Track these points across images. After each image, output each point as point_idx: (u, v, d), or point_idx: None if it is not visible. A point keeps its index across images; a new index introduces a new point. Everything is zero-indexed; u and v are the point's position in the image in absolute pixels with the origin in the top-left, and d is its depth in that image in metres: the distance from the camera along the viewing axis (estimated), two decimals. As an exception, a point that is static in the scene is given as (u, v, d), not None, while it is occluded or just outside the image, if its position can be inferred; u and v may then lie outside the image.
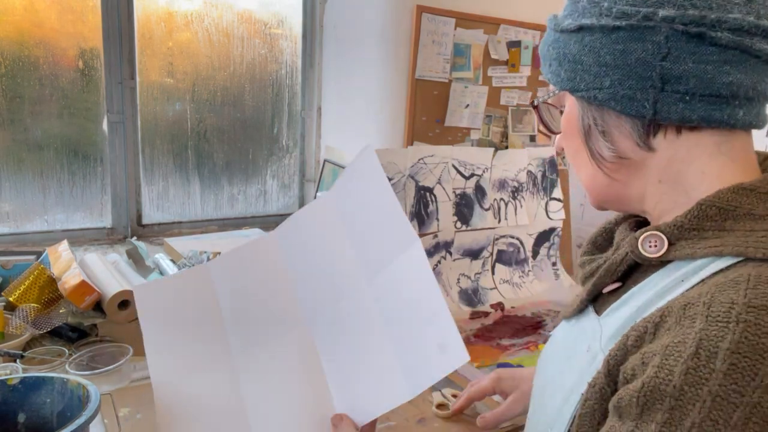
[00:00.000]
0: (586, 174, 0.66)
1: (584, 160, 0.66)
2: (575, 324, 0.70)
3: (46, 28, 1.80)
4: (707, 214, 0.56)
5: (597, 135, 0.63)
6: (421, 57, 2.12)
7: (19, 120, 1.80)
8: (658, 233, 0.58)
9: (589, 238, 0.76)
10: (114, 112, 1.93)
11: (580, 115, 0.64)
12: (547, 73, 0.67)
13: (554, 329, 0.80)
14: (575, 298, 0.75)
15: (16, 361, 1.14)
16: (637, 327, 0.53)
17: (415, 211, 1.70)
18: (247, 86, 2.18)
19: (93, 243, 1.94)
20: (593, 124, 0.63)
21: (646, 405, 0.48)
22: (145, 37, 1.94)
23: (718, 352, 0.46)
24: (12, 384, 0.79)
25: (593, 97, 0.61)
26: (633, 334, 0.53)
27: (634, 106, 0.58)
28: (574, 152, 0.67)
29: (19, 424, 0.79)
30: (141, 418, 1.07)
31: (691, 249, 0.55)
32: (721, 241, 0.54)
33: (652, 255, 0.58)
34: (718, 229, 0.55)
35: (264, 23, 2.18)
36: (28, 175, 1.85)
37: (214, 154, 2.16)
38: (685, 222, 0.57)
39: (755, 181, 0.56)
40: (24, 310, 1.25)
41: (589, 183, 0.67)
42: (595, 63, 0.60)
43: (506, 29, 2.29)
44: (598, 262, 0.68)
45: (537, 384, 0.74)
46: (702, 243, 0.55)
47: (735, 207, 0.55)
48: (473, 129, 2.30)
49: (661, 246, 0.58)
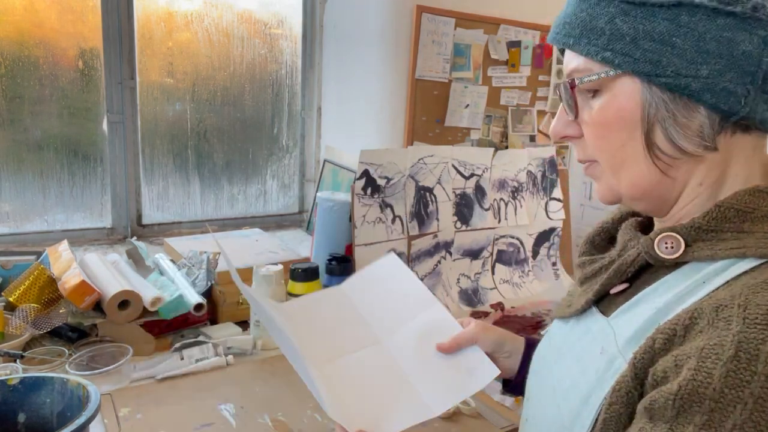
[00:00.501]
0: (636, 169, 0.60)
1: (634, 153, 0.59)
2: (576, 324, 0.69)
3: (46, 28, 1.80)
4: (726, 216, 0.56)
5: (664, 127, 0.57)
6: (421, 57, 2.12)
7: (19, 120, 1.80)
8: (675, 234, 0.58)
9: (586, 238, 0.75)
10: (114, 112, 1.93)
11: (646, 104, 0.57)
12: (599, 49, 0.58)
13: (547, 329, 0.79)
14: (568, 297, 0.75)
15: (16, 361, 1.14)
16: (663, 329, 0.53)
17: (415, 211, 1.70)
18: (247, 86, 2.18)
19: (93, 243, 1.94)
20: (665, 114, 0.56)
21: (682, 407, 0.48)
22: (145, 37, 1.94)
23: (759, 355, 0.46)
24: (12, 384, 0.79)
25: (682, 86, 0.55)
26: (660, 336, 0.52)
27: (730, 102, 0.54)
28: (618, 144, 0.60)
29: (19, 424, 0.79)
30: (141, 418, 1.07)
31: (710, 251, 0.55)
32: (742, 243, 0.54)
33: (669, 256, 0.58)
34: (737, 230, 0.55)
35: (264, 23, 2.18)
36: (28, 175, 1.84)
37: (214, 154, 2.16)
38: (703, 223, 0.56)
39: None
40: (24, 310, 1.25)
41: (636, 178, 0.60)
42: (694, 48, 0.54)
43: (506, 29, 2.29)
44: (601, 263, 0.68)
45: (536, 384, 0.73)
46: (722, 245, 0.55)
47: (753, 209, 0.55)
48: (473, 129, 2.30)
49: (678, 247, 0.58)
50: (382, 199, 1.62)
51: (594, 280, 0.69)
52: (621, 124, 0.59)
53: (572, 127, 0.64)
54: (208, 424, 1.07)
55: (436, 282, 1.74)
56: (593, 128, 0.62)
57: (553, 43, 0.64)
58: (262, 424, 1.08)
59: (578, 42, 0.60)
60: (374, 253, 1.57)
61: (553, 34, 0.64)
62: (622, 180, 0.61)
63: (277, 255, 1.68)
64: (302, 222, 2.37)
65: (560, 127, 0.65)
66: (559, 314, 0.74)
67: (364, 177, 1.58)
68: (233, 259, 1.63)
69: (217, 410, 1.11)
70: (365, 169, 1.58)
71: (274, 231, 2.21)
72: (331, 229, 1.59)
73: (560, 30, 0.62)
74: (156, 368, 1.22)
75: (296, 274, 1.39)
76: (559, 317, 0.74)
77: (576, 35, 0.60)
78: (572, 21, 0.60)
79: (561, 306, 0.75)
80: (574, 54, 0.61)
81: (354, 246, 1.54)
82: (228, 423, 1.08)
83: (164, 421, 1.07)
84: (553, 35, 0.64)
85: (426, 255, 1.73)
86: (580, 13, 0.60)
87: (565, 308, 0.73)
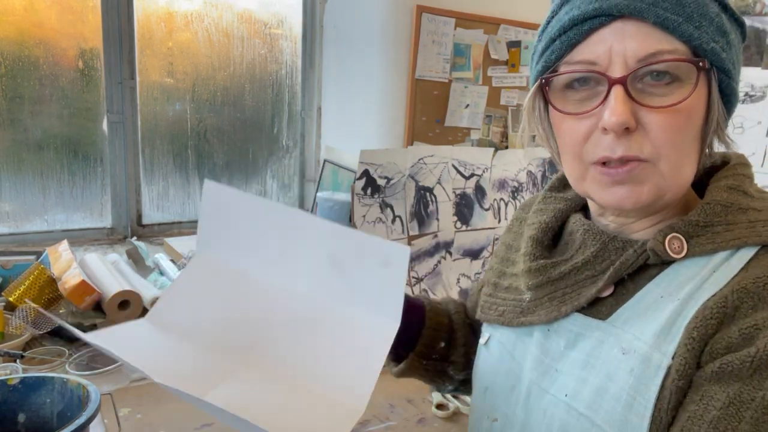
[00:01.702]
0: (691, 168, 0.60)
1: (694, 150, 0.60)
2: (551, 332, 0.66)
3: (46, 28, 1.80)
4: (714, 211, 0.60)
5: (717, 125, 0.61)
6: (421, 57, 2.12)
7: (19, 120, 1.80)
8: (677, 234, 0.60)
9: (532, 240, 0.71)
10: (114, 112, 1.93)
11: (715, 101, 0.59)
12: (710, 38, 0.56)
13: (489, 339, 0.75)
14: (510, 302, 0.72)
15: (16, 361, 1.14)
16: (712, 314, 0.55)
17: (415, 211, 1.70)
18: (247, 86, 2.18)
19: (93, 243, 1.94)
20: (720, 113, 0.60)
21: (759, 366, 0.51)
22: (145, 37, 1.94)
23: None
24: (12, 384, 0.79)
25: (736, 91, 0.61)
26: (712, 321, 0.55)
27: (734, 108, 0.63)
28: (690, 139, 0.59)
29: (19, 424, 0.79)
30: (141, 418, 1.07)
31: (712, 244, 0.58)
32: (735, 234, 0.58)
33: (678, 255, 0.59)
34: (725, 223, 0.59)
35: (264, 23, 2.18)
36: (28, 175, 1.84)
37: (214, 154, 2.16)
38: (699, 220, 0.60)
39: (736, 181, 0.63)
40: (24, 310, 1.25)
41: (690, 176, 0.61)
42: (738, 61, 0.61)
43: (506, 29, 2.29)
44: (569, 265, 0.65)
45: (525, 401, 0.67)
46: (719, 237, 0.59)
47: (731, 204, 0.60)
48: (473, 129, 2.30)
49: (681, 245, 0.59)
50: (382, 199, 1.62)
51: (559, 284, 0.66)
52: (698, 118, 0.58)
53: (634, 116, 0.56)
54: (208, 424, 1.07)
55: (436, 282, 1.74)
56: (676, 118, 0.56)
57: (644, 15, 0.55)
58: (262, 424, 1.08)
59: (687, 23, 0.55)
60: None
61: (643, 5, 0.55)
62: (679, 180, 0.59)
63: (277, 255, 1.68)
64: (302, 222, 2.37)
65: (627, 115, 0.56)
66: (506, 322, 0.70)
67: (364, 177, 1.58)
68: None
69: (217, 410, 1.11)
70: (365, 169, 1.58)
71: (274, 231, 2.21)
72: (331, 229, 1.58)
73: (657, 3, 0.55)
74: (156, 368, 1.22)
75: (296, 274, 1.39)
76: (508, 325, 0.70)
77: (685, 15, 0.55)
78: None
79: (506, 313, 0.71)
80: (664, 34, 0.55)
81: (354, 246, 1.54)
82: (228, 423, 1.08)
83: (164, 421, 1.07)
84: (644, 6, 0.55)
85: (426, 255, 1.73)
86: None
87: (516, 316, 0.70)
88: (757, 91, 1.94)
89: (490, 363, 0.73)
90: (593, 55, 0.57)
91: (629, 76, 0.56)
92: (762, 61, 1.95)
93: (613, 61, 0.57)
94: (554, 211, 0.72)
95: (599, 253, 0.64)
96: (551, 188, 0.77)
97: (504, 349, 0.72)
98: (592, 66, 0.58)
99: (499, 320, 0.73)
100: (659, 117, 0.56)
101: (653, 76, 0.56)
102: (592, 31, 0.58)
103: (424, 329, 0.81)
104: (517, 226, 0.81)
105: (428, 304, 0.86)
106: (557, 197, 0.74)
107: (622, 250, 0.62)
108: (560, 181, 0.77)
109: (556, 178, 0.78)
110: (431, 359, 0.82)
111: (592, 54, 0.58)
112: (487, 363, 0.74)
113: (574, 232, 0.68)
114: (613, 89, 0.56)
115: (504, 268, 0.78)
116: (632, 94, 0.56)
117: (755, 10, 1.96)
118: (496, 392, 0.71)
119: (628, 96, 0.56)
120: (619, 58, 0.56)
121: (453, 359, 0.84)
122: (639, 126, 0.57)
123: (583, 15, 0.57)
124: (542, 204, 0.75)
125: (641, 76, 0.56)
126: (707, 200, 0.60)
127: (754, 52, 1.96)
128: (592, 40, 0.58)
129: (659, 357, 0.56)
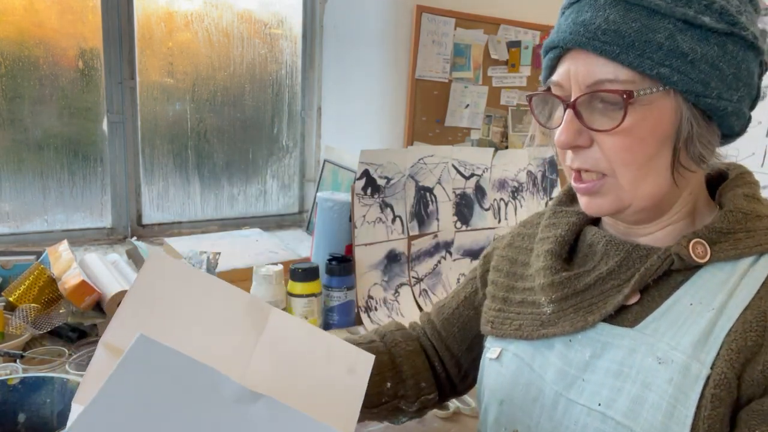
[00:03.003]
0: (657, 182, 0.62)
1: (658, 167, 0.61)
2: (575, 342, 0.67)
3: (46, 28, 1.80)
4: (736, 219, 0.63)
5: (692, 143, 0.60)
6: (421, 57, 2.12)
7: (19, 120, 1.80)
8: (701, 240, 0.62)
9: (549, 254, 0.72)
10: (114, 112, 1.93)
11: (684, 121, 0.59)
12: (654, 64, 0.57)
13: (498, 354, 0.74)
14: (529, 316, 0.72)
15: (16, 361, 1.14)
16: (751, 327, 0.57)
17: (415, 211, 1.70)
18: (247, 86, 2.18)
19: (93, 243, 1.94)
20: (696, 131, 0.60)
21: None
22: (145, 37, 1.94)
23: None
24: (12, 384, 0.79)
25: (720, 108, 0.59)
26: (751, 334, 0.57)
27: (742, 124, 0.63)
28: (645, 158, 0.60)
29: (19, 424, 0.79)
30: (141, 418, 1.07)
31: (735, 250, 0.62)
32: (756, 241, 0.61)
33: (702, 260, 0.62)
34: (745, 230, 0.62)
35: (264, 23, 2.18)
36: (28, 175, 1.84)
37: (214, 154, 2.16)
38: (723, 227, 0.62)
39: (750, 189, 0.66)
40: (24, 310, 1.25)
41: (655, 190, 0.62)
42: (733, 75, 0.59)
43: (506, 29, 2.29)
44: (593, 276, 0.66)
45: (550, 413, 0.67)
46: (741, 244, 0.62)
47: (750, 211, 0.63)
48: (473, 129, 2.30)
49: (705, 251, 0.62)
50: (382, 199, 1.62)
51: (585, 294, 0.67)
52: (654, 138, 0.60)
53: (583, 136, 0.61)
54: (208, 424, 1.06)
55: (436, 282, 1.74)
56: (622, 140, 0.60)
57: (585, 48, 0.59)
58: (262, 424, 1.07)
59: (626, 52, 0.57)
60: (374, 253, 1.58)
61: (583, 39, 0.59)
62: (639, 192, 0.62)
63: (277, 255, 1.68)
64: (302, 222, 2.37)
65: (571, 137, 0.61)
66: (525, 336, 0.71)
67: (364, 177, 1.58)
68: (233, 259, 1.63)
69: (217, 410, 1.11)
70: (365, 169, 1.58)
71: (274, 231, 2.21)
72: (331, 229, 1.58)
73: (596, 36, 0.58)
74: (156, 368, 1.22)
75: (296, 274, 1.39)
76: (527, 338, 0.71)
77: (624, 45, 0.57)
78: (620, 30, 0.57)
79: (524, 327, 0.72)
80: (607, 62, 0.58)
81: (354, 246, 1.54)
82: (228, 423, 1.07)
83: (164, 421, 1.06)
84: (584, 40, 0.59)
85: (426, 255, 1.73)
86: (630, 23, 0.57)
87: (536, 328, 0.70)
88: (757, 91, 1.94)
89: (506, 376, 0.73)
90: (560, 77, 0.63)
91: (577, 100, 0.61)
92: (762, 61, 1.94)
93: (572, 84, 0.62)
94: (568, 225, 0.73)
95: (624, 262, 0.65)
96: (559, 203, 0.79)
97: (521, 362, 0.72)
98: (560, 88, 0.64)
99: (516, 334, 0.72)
100: (606, 138, 0.61)
101: (599, 102, 0.61)
102: (559, 57, 0.64)
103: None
104: (520, 240, 0.82)
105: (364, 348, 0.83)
106: (567, 211, 0.76)
107: (646, 257, 0.64)
108: (566, 195, 0.79)
109: (562, 192, 0.79)
110: (381, 404, 0.81)
111: (559, 77, 0.64)
112: (501, 376, 0.74)
113: (594, 243, 0.69)
114: (566, 112, 0.62)
115: (513, 283, 0.78)
116: (583, 116, 0.61)
117: (755, 10, 1.96)
118: (514, 404, 0.71)
119: (578, 118, 0.61)
120: (575, 83, 0.62)
121: (403, 394, 0.83)
122: (593, 143, 0.62)
123: (550, 44, 0.65)
124: (553, 218, 0.76)
125: (589, 103, 0.61)
126: (729, 208, 0.63)
127: (754, 52, 1.96)
128: (562, 63, 0.64)
129: (698, 367, 0.57)
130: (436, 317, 0.91)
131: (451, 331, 0.88)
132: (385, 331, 0.90)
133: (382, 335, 0.89)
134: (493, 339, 0.77)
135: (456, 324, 0.88)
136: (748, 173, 0.69)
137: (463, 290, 0.91)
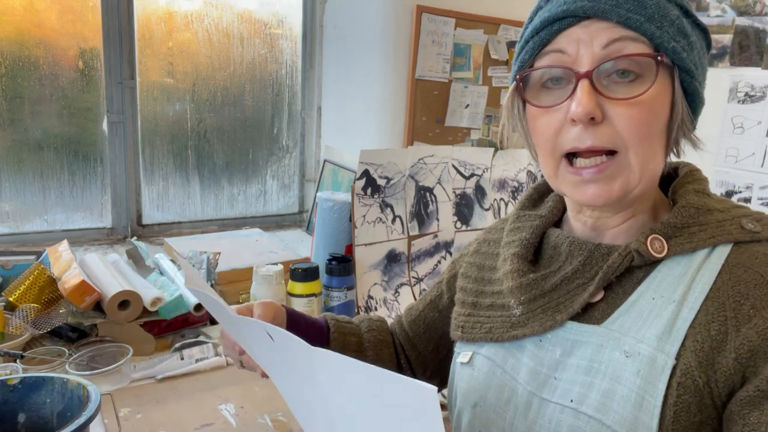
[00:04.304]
0: (659, 162, 0.65)
1: (661, 144, 0.64)
2: (545, 342, 0.68)
3: (46, 28, 1.80)
4: (689, 213, 0.65)
5: (683, 122, 0.64)
6: (421, 57, 2.12)
7: (19, 120, 1.80)
8: (657, 235, 0.64)
9: (516, 257, 0.73)
10: (114, 112, 1.93)
11: (679, 100, 0.63)
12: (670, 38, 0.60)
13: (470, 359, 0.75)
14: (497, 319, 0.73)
15: (16, 361, 1.14)
16: (713, 318, 0.58)
17: (415, 211, 1.70)
18: (247, 86, 2.18)
19: (93, 243, 1.94)
20: (685, 111, 0.64)
21: None
22: (145, 37, 1.94)
23: None
24: (12, 384, 0.79)
25: (699, 92, 0.64)
26: (714, 324, 0.58)
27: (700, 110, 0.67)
28: (656, 133, 0.63)
29: (19, 424, 0.79)
30: (141, 418, 1.07)
31: (690, 243, 0.63)
32: (709, 233, 0.63)
33: (659, 255, 0.63)
34: (698, 224, 0.64)
35: (264, 23, 2.18)
36: (28, 175, 1.84)
37: (214, 154, 2.16)
38: (677, 221, 0.64)
39: (701, 185, 0.68)
40: (24, 310, 1.25)
41: (657, 170, 0.66)
42: (703, 64, 0.65)
43: (506, 29, 2.29)
44: (560, 276, 0.68)
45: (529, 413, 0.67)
46: (695, 237, 0.63)
47: (701, 206, 0.65)
48: (473, 129, 2.31)
49: (662, 246, 0.63)
50: (382, 199, 1.62)
51: (552, 294, 0.68)
52: (664, 113, 0.63)
53: (598, 109, 0.60)
54: (208, 424, 1.07)
55: (436, 282, 1.74)
56: (639, 111, 0.60)
57: (607, 16, 0.59)
58: (262, 424, 1.08)
59: (649, 22, 0.59)
60: (374, 253, 1.58)
61: (607, 6, 0.59)
62: (647, 172, 0.63)
63: (277, 255, 1.68)
64: (302, 222, 2.37)
65: (592, 106, 0.59)
66: (495, 338, 0.72)
67: (364, 177, 1.58)
68: (233, 259, 1.63)
69: (217, 410, 1.11)
70: (365, 169, 1.58)
71: (274, 231, 2.21)
72: (331, 229, 1.58)
73: (620, 3, 0.59)
74: (156, 368, 1.22)
75: (296, 274, 1.39)
76: (497, 341, 0.72)
77: (646, 15, 0.59)
78: (642, 0, 0.59)
79: (494, 329, 0.72)
80: (625, 31, 0.59)
81: (354, 246, 1.54)
82: (228, 423, 1.08)
83: (164, 421, 1.07)
84: (607, 7, 0.59)
85: (426, 255, 1.73)
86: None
87: (506, 330, 0.71)
88: (757, 91, 1.94)
89: (478, 379, 0.73)
90: (562, 45, 0.62)
91: (594, 70, 0.60)
92: (762, 61, 1.95)
93: (580, 54, 0.61)
94: (532, 228, 0.75)
95: (587, 261, 0.67)
96: (522, 207, 0.80)
97: (493, 364, 0.72)
98: (561, 55, 0.62)
99: (486, 337, 0.73)
100: (623, 109, 0.60)
101: (618, 74, 0.60)
102: (561, 30, 0.62)
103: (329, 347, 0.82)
104: (486, 246, 0.83)
105: (334, 325, 0.89)
106: (530, 215, 0.77)
107: (608, 255, 0.66)
108: (529, 200, 0.81)
109: (524, 197, 0.81)
110: None
111: (560, 45, 0.62)
112: (474, 380, 0.74)
113: (558, 245, 0.70)
114: (579, 83, 0.60)
115: (481, 288, 0.79)
116: (597, 87, 0.60)
117: (755, 10, 1.96)
118: (488, 407, 0.72)
119: (594, 89, 0.60)
120: (586, 51, 0.60)
121: None
122: (606, 118, 0.61)
123: (553, 16, 0.62)
124: (517, 222, 0.78)
125: (606, 74, 0.60)
126: (682, 204, 0.65)
127: (754, 52, 1.96)
128: (562, 35, 0.62)
129: (664, 358, 0.59)
130: (405, 318, 0.96)
131: (417, 332, 0.93)
132: (365, 318, 0.95)
133: (360, 320, 0.94)
134: (463, 344, 0.78)
135: (422, 325, 0.92)
136: (697, 170, 0.72)
137: (429, 294, 0.94)
